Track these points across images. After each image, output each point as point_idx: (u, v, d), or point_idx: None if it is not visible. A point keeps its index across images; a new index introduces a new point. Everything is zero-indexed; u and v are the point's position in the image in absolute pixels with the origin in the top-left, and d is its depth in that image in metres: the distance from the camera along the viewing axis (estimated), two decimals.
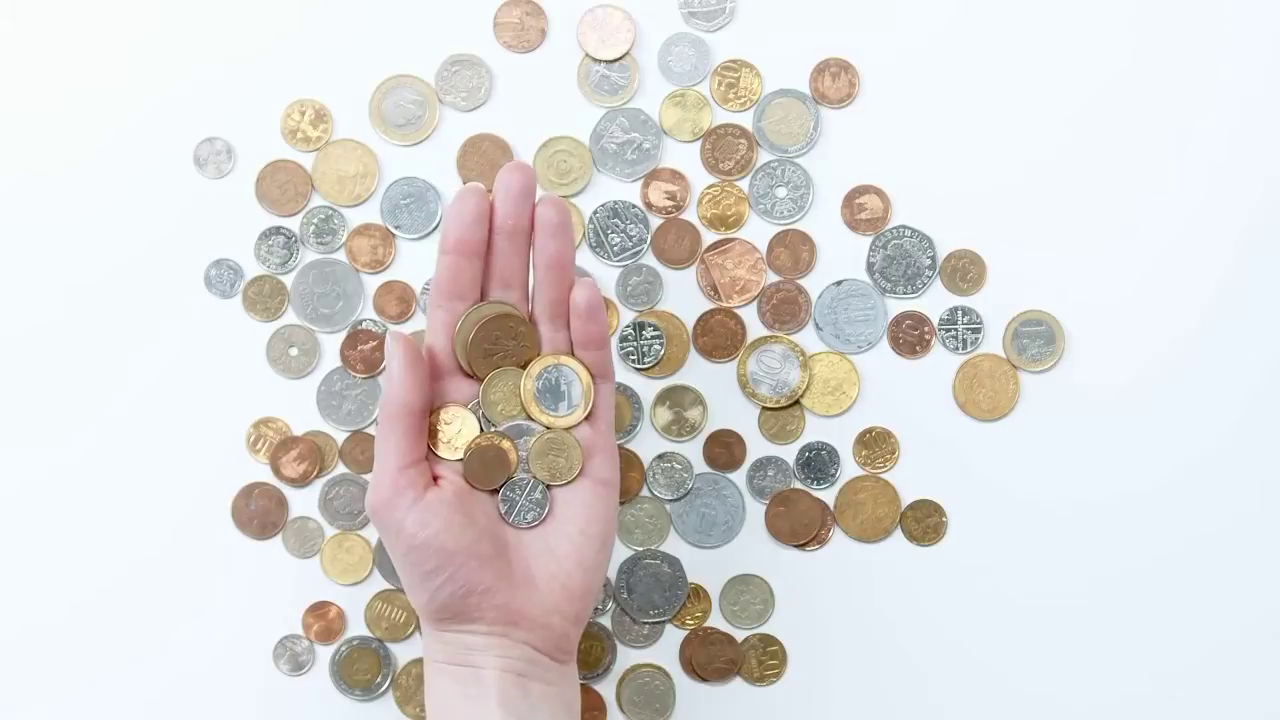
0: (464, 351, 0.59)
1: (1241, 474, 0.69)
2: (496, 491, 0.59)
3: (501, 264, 0.59)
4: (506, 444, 0.59)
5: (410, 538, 0.57)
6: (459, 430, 0.59)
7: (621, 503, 0.69)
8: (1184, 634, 0.69)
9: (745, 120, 0.70)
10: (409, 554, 0.57)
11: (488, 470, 0.59)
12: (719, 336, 0.69)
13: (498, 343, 0.59)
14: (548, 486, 0.59)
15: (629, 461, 0.69)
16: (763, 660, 0.69)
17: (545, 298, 0.59)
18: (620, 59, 0.70)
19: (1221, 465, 0.69)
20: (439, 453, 0.59)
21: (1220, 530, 0.68)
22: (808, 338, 0.69)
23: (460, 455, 0.59)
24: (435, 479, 0.59)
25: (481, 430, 0.59)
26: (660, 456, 0.69)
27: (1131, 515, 0.69)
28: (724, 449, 0.69)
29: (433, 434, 0.59)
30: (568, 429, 0.59)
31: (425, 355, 0.58)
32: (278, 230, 0.70)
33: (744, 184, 0.70)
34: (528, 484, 0.59)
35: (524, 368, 0.59)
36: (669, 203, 0.70)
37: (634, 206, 0.70)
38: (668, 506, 0.69)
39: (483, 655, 0.58)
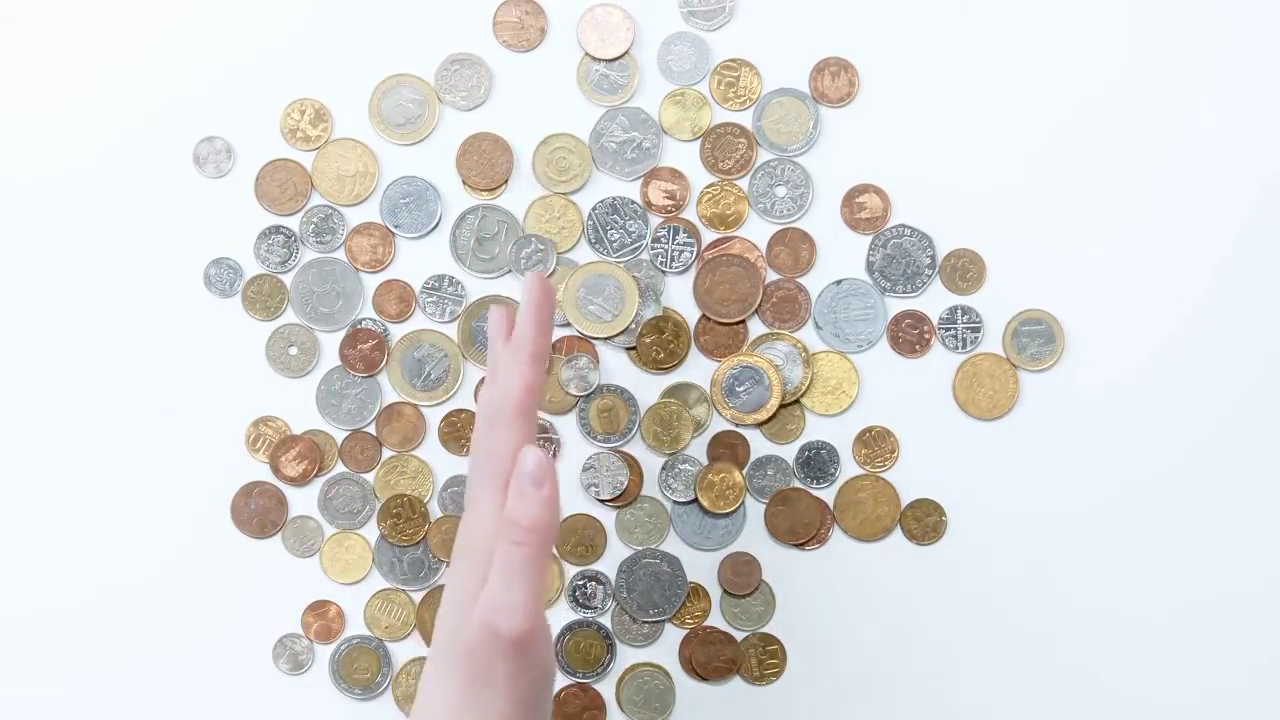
0: None
1: (1240, 471, 0.68)
2: None
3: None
4: None
5: (551, 653, 0.52)
6: None
7: (622, 504, 0.69)
8: (1183, 632, 0.68)
9: (745, 119, 0.70)
10: (549, 671, 0.52)
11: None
12: (721, 335, 0.69)
13: None
14: None
15: (628, 463, 0.69)
16: (762, 659, 0.69)
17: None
18: (620, 58, 0.70)
19: (1220, 463, 0.68)
20: None
21: (1220, 528, 0.68)
22: (808, 336, 0.69)
23: None
24: None
25: None
26: (673, 457, 0.69)
27: (1131, 514, 0.69)
28: (728, 449, 0.69)
29: None
30: None
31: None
32: (277, 229, 0.70)
33: (743, 183, 0.69)
34: None
35: None
36: (668, 202, 0.70)
37: (633, 203, 0.69)
38: (669, 507, 0.69)
39: None
